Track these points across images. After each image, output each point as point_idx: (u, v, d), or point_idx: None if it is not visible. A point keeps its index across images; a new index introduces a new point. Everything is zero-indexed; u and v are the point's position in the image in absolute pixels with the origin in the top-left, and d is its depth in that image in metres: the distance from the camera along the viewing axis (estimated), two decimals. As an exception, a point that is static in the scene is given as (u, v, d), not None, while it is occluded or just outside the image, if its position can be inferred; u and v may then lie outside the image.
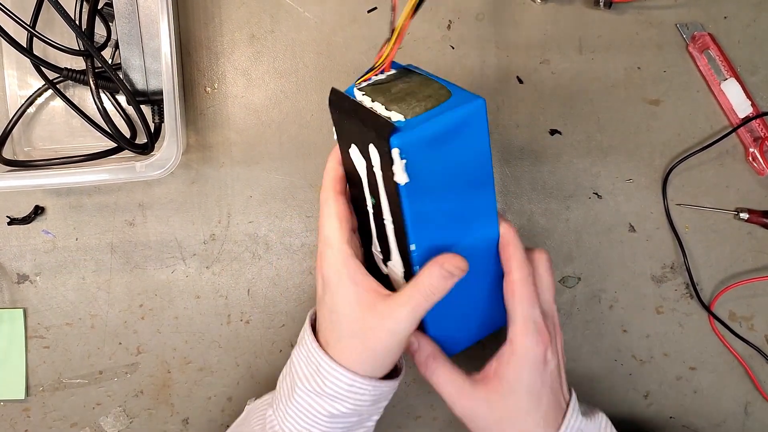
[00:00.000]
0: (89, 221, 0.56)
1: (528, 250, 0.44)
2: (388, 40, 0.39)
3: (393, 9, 0.39)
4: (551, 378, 0.43)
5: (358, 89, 0.40)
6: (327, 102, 0.41)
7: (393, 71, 0.41)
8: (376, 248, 0.44)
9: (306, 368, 0.43)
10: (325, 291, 0.43)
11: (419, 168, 0.36)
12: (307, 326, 0.45)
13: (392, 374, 0.45)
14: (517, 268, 0.42)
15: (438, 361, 0.43)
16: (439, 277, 0.39)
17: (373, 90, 0.39)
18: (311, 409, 0.42)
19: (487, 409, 0.42)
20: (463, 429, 0.57)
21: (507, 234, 0.43)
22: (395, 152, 0.35)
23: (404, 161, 0.36)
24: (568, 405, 0.44)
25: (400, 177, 0.36)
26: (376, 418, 0.46)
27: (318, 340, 0.43)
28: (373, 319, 0.40)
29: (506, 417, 0.42)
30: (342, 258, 0.41)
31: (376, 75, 0.41)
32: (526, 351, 0.41)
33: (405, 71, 0.41)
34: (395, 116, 0.37)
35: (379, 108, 0.38)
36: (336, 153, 0.44)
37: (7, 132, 0.53)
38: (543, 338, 0.42)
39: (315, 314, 0.46)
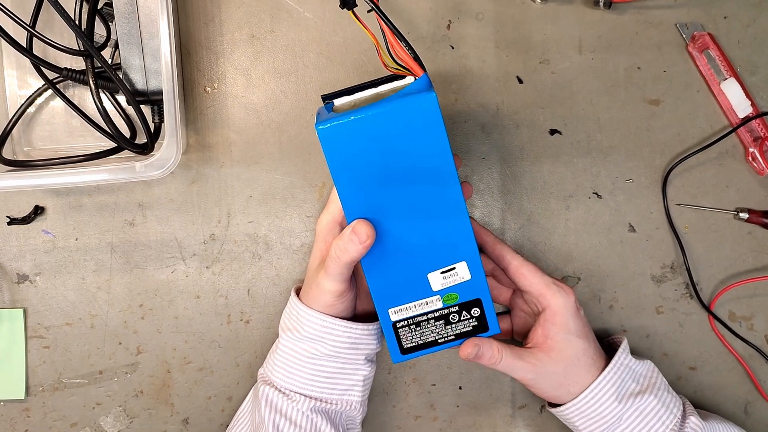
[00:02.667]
0: (89, 221, 0.56)
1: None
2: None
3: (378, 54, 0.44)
4: (586, 320, 0.51)
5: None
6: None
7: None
8: None
9: (289, 321, 0.50)
10: (314, 243, 0.51)
11: (349, 141, 0.41)
12: (292, 290, 0.52)
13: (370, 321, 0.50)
14: (512, 257, 0.49)
15: (500, 356, 0.47)
16: (347, 240, 0.43)
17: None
18: (294, 353, 0.49)
19: (553, 365, 0.48)
20: (460, 427, 0.57)
21: (487, 237, 0.51)
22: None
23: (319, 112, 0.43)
24: (619, 344, 0.51)
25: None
26: (363, 373, 0.49)
27: (300, 299, 0.50)
28: (317, 274, 0.47)
29: (570, 362, 0.48)
30: (329, 219, 0.49)
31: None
32: (562, 305, 0.48)
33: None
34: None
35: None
36: None
37: (7, 132, 0.53)
38: (568, 291, 0.49)
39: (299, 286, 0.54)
